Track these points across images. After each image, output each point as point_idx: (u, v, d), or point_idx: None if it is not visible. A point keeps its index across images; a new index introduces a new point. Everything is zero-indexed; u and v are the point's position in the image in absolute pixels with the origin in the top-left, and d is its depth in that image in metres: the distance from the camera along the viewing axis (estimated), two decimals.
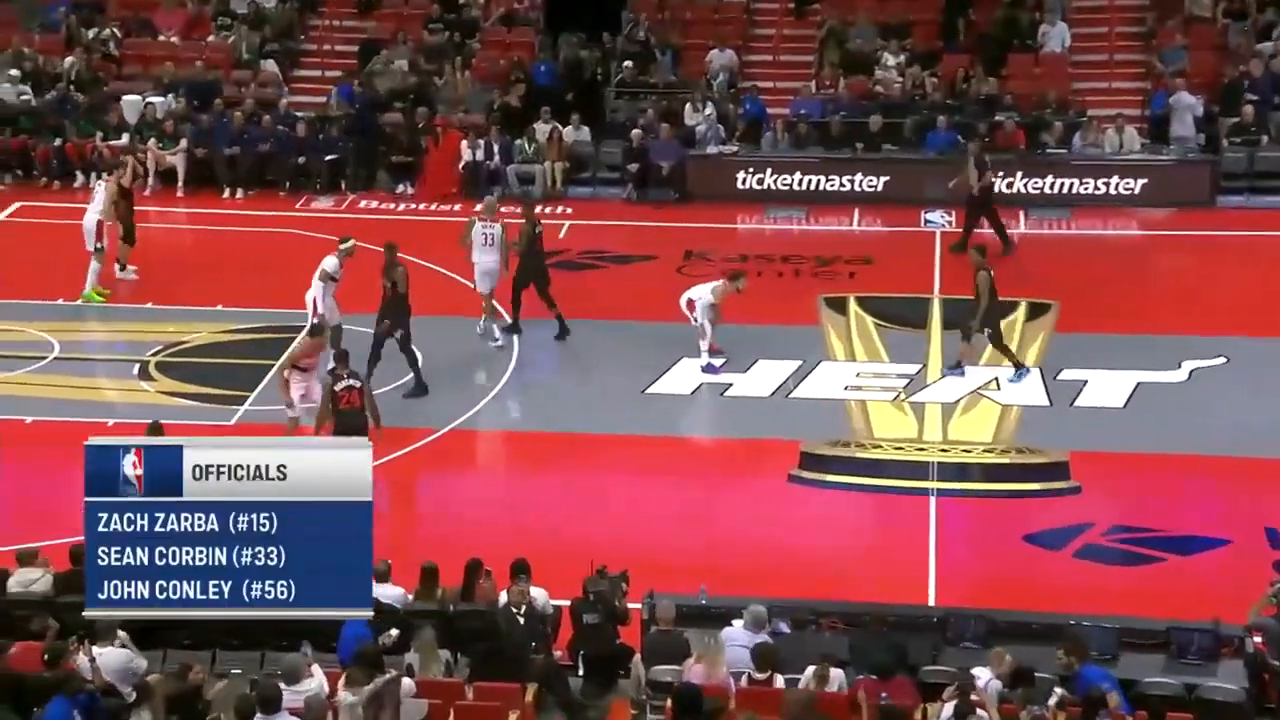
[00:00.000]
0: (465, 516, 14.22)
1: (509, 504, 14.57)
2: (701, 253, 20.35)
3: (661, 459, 15.36)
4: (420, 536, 13.68)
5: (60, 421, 14.70)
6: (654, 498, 14.73)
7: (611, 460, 15.37)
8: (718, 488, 14.97)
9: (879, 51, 24.24)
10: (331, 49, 25.07)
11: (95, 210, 18.21)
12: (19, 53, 23.92)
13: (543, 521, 14.01)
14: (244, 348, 17.14)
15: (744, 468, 15.21)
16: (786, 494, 14.75)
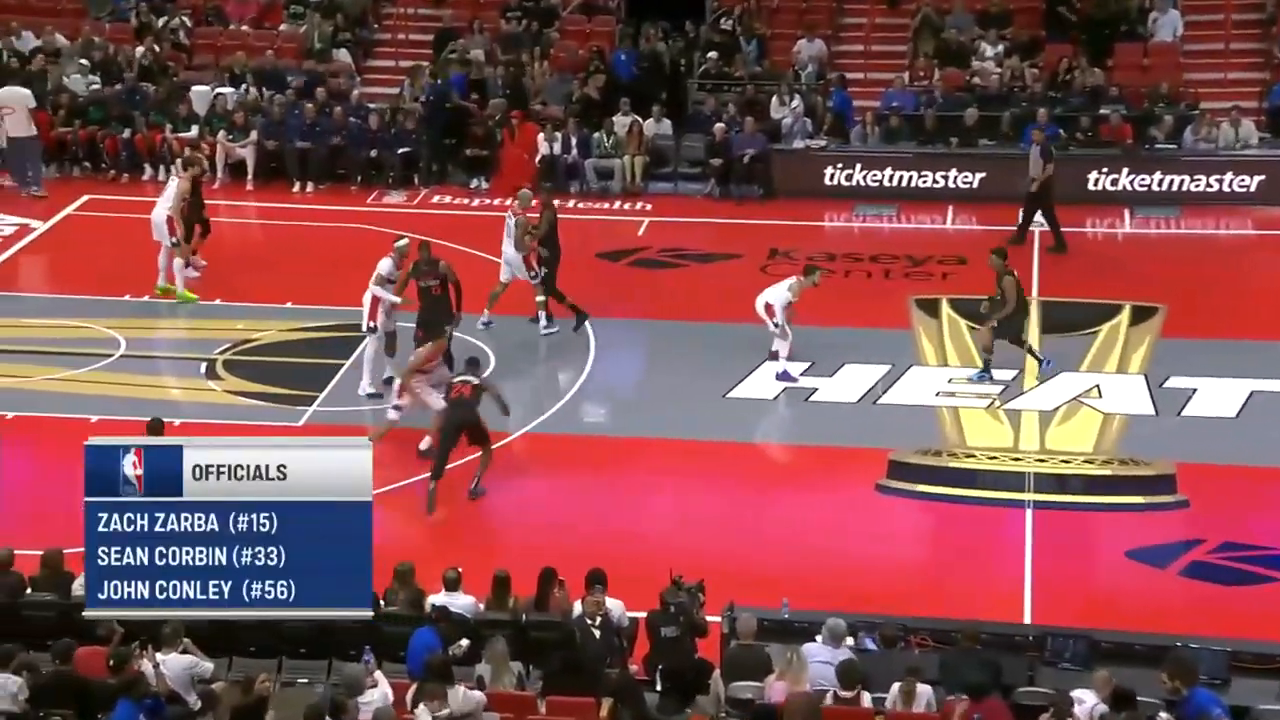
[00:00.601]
0: (538, 523, 14.28)
1: (583, 511, 14.63)
2: (786, 251, 20.30)
3: (742, 466, 15.34)
4: (492, 543, 13.76)
5: (125, 421, 14.94)
6: (735, 506, 14.70)
7: (690, 467, 15.37)
8: (801, 497, 14.93)
9: (976, 41, 24.03)
10: (405, 38, 25.32)
11: (165, 205, 18.42)
12: (88, 42, 24.37)
13: (618, 529, 14.05)
14: (313, 346, 17.34)
15: (829, 476, 15.15)
16: (874, 504, 14.67)
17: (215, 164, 22.18)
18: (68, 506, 14.11)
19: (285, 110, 22.74)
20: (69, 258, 20.20)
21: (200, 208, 19.03)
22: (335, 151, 22.49)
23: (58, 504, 14.34)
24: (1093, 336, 17.69)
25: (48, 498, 14.65)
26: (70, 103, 22.75)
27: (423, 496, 14.61)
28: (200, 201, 19.08)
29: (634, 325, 18.15)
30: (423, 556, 12.15)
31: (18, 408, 15.86)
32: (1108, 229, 21.26)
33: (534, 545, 13.37)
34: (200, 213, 18.96)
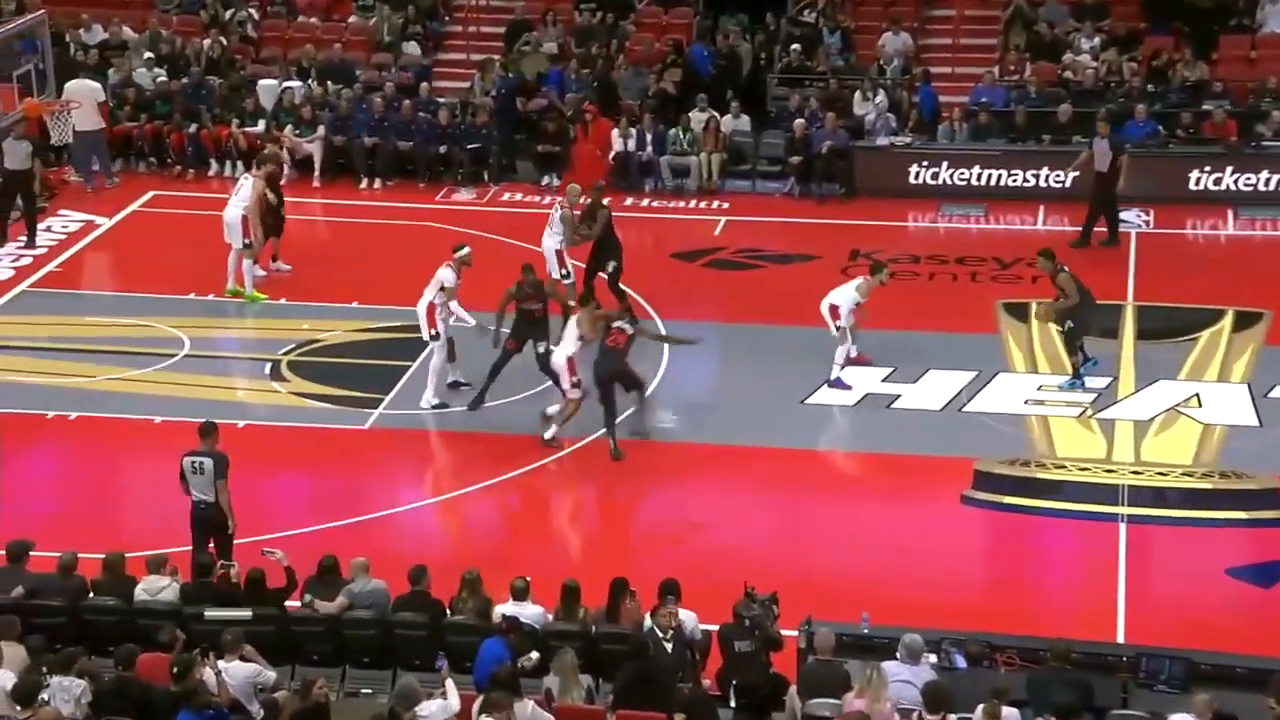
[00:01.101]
0: (608, 531, 14.30)
1: (655, 519, 14.63)
2: (869, 253, 20.18)
3: (821, 475, 15.29)
4: (561, 551, 13.79)
5: (189, 422, 15.12)
6: (813, 516, 14.65)
7: (767, 475, 15.33)
8: (882, 508, 14.85)
9: (1071, 33, 23.79)
10: (477, 30, 25.47)
11: (239, 204, 18.49)
12: (155, 34, 24.72)
13: (691, 539, 14.05)
14: (380, 347, 17.48)
15: (912, 486, 15.05)
16: (958, 516, 14.56)
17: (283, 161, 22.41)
18: (131, 509, 14.43)
19: (353, 105, 22.94)
20: (133, 255, 20.50)
21: (279, 205, 19.05)
22: (404, 147, 22.58)
23: (121, 506, 14.62)
24: (1192, 343, 17.44)
25: (111, 500, 14.91)
26: (136, 97, 23.06)
27: (489, 501, 14.69)
28: (280, 198, 19.09)
29: (708, 328, 18.09)
30: (489, 564, 12.20)
31: (81, 408, 16.11)
32: (1210, 230, 20.95)
33: (603, 554, 13.39)
34: (279, 211, 19.03)
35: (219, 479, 12.66)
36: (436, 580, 11.69)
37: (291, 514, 14.26)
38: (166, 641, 10.63)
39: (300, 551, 12.29)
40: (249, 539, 12.88)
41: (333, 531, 14.00)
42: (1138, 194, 20.62)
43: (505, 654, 10.77)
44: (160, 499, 13.31)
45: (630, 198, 22.07)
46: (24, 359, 17.17)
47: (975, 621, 11.91)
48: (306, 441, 15.89)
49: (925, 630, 10.97)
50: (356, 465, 15.54)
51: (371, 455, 15.63)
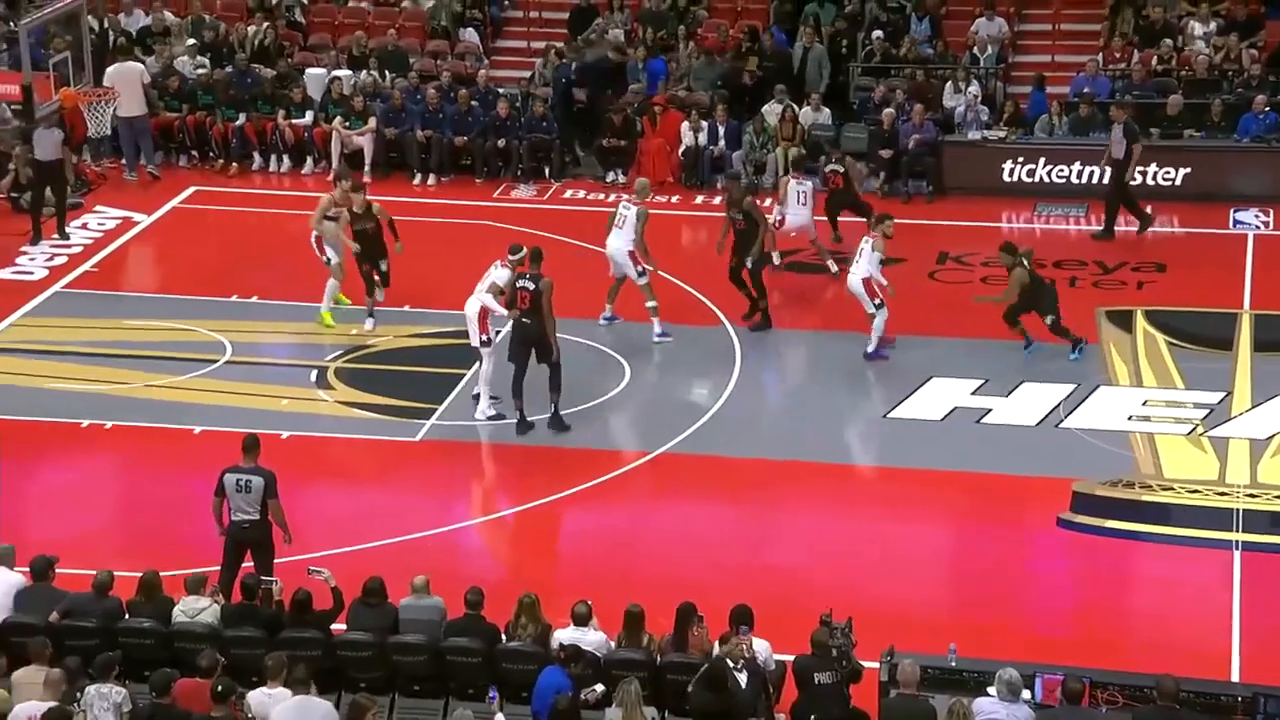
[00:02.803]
0: (676, 553, 14.30)
1: (726, 540, 14.60)
2: (958, 256, 20.07)
3: (906, 494, 15.19)
4: (625, 574, 13.80)
5: (229, 432, 15.29)
6: (896, 539, 14.57)
7: (847, 494, 15.27)
8: (972, 530, 14.74)
9: (1184, 19, 23.55)
10: (539, 16, 25.57)
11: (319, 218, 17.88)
12: (198, 20, 25.01)
13: (762, 562, 14.01)
14: (433, 354, 17.57)
15: (1004, 508, 14.93)
16: (1055, 540, 14.44)
17: (331, 153, 22.61)
18: (170, 524, 14.58)
19: (406, 95, 23.08)
20: (173, 254, 20.73)
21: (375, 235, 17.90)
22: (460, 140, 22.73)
23: (159, 522, 14.77)
24: None
25: (147, 514, 15.06)
26: (178, 86, 23.31)
27: (548, 520, 14.73)
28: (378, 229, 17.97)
29: (784, 335, 18.07)
30: (547, 587, 12.23)
31: (118, 416, 16.30)
32: None
33: (669, 577, 13.39)
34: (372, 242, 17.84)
35: (270, 498, 12.77)
36: (491, 603, 11.72)
37: (338, 531, 14.34)
38: (206, 666, 10.71)
39: (346, 572, 12.35)
40: (291, 558, 12.97)
41: (381, 550, 14.07)
42: (1257, 192, 20.37)
43: (566, 683, 10.78)
44: (199, 514, 13.41)
45: (701, 195, 22.07)
46: (57, 364, 17.40)
47: (1073, 655, 11.80)
48: (354, 454, 15.99)
49: (1018, 663, 10.87)
50: (407, 479, 15.62)
51: (423, 469, 15.71)
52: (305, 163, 22.92)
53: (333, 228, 17.80)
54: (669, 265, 18.77)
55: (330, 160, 22.66)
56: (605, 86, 23.31)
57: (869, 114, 22.65)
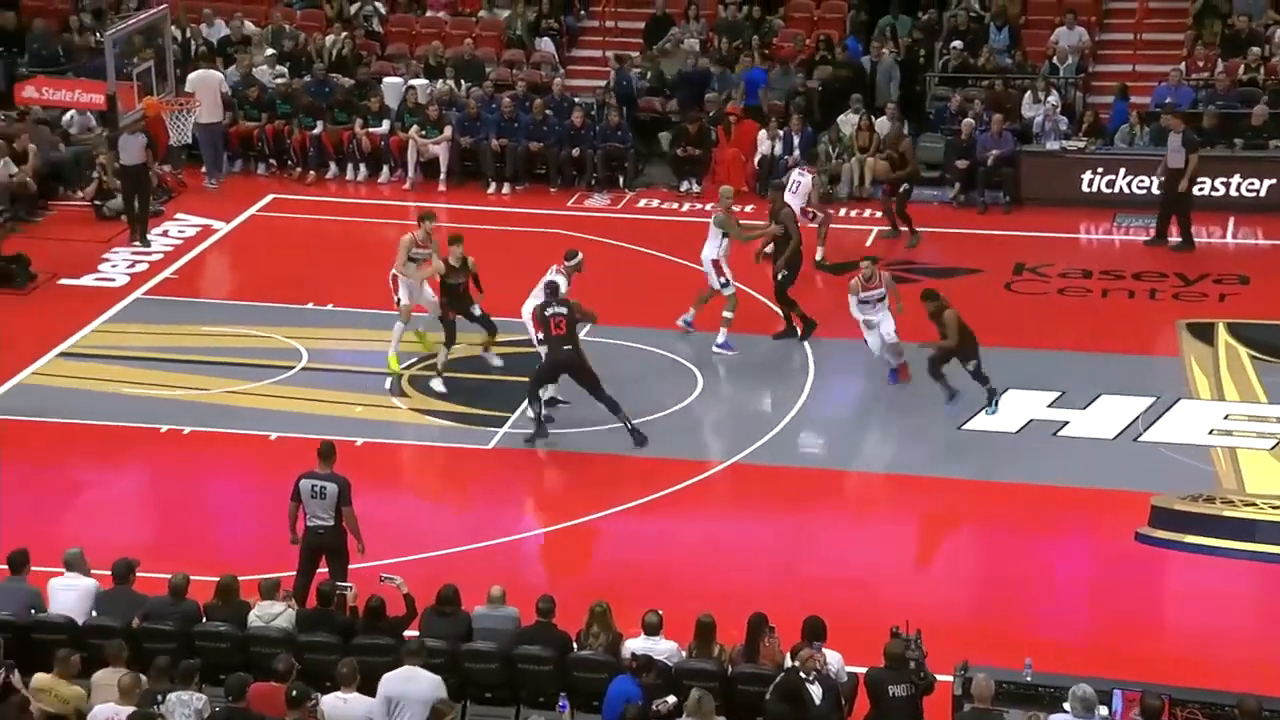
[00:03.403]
0: (747, 563, 14.27)
1: (797, 551, 14.57)
2: (1035, 267, 19.92)
3: (980, 507, 15.09)
4: (696, 584, 13.79)
5: (305, 438, 15.42)
6: (968, 552, 14.48)
7: (920, 506, 15.18)
8: (1048, 544, 14.62)
9: (1271, 27, 23.26)
10: (615, 26, 25.65)
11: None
12: (278, 30, 25.30)
13: (833, 573, 13.97)
14: (506, 362, 17.63)
15: (1081, 522, 14.80)
16: (1133, 555, 14.29)
17: (407, 162, 22.79)
18: (246, 529, 14.73)
19: (481, 104, 23.21)
20: (251, 261, 20.95)
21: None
22: (534, 149, 22.82)
23: (235, 526, 14.93)
24: None
25: (224, 519, 15.23)
26: (257, 95, 23.57)
27: (620, 528, 14.76)
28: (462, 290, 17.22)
29: (858, 346, 17.95)
30: (619, 596, 12.24)
31: (195, 422, 16.48)
32: None
33: (740, 588, 13.37)
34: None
35: (344, 505, 12.88)
36: (562, 611, 11.75)
37: (410, 538, 14.42)
38: (282, 671, 10.81)
39: (419, 578, 12.42)
40: (364, 564, 13.06)
41: (453, 557, 14.15)
42: None
43: (636, 693, 10.78)
44: (275, 519, 13.55)
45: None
46: (137, 370, 17.63)
47: (1152, 672, 11.67)
48: (427, 461, 16.09)
49: (1095, 679, 10.76)
50: (479, 487, 15.69)
51: (495, 476, 15.78)
52: (381, 171, 23.11)
53: (414, 270, 17.24)
54: (742, 275, 18.71)
55: (406, 169, 22.84)
56: (700, 96, 23.24)
57: (946, 124, 22.52)
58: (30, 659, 11.21)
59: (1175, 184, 20.23)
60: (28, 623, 11.82)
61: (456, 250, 16.99)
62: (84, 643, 11.43)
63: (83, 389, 17.22)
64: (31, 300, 19.32)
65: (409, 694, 10.77)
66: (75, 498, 15.42)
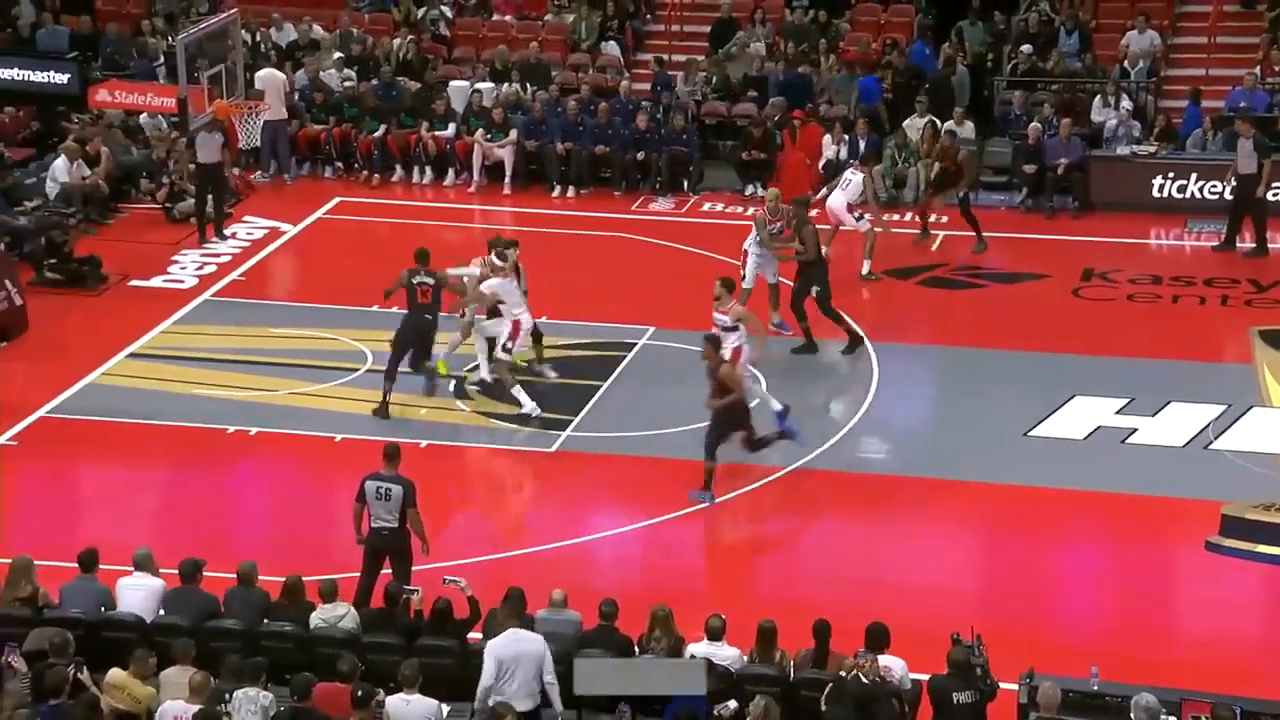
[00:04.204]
0: (809, 569, 14.25)
1: (861, 557, 14.52)
2: (1104, 273, 19.76)
3: (1046, 515, 14.98)
4: (758, 589, 13.78)
5: (371, 440, 15.53)
6: (1034, 560, 14.38)
7: (984, 513, 15.09)
8: (1116, 552, 14.50)
9: None
10: (680, 29, 25.67)
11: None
12: (346, 34, 25.51)
13: (898, 580, 13.91)
14: (568, 365, 17.68)
15: (1149, 530, 14.67)
16: (1202, 564, 14.15)
17: (472, 165, 22.91)
18: (311, 530, 14.85)
19: (547, 108, 23.30)
20: (317, 263, 21.12)
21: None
22: (599, 153, 22.88)
23: (300, 527, 15.05)
24: None
25: (290, 520, 15.36)
26: (325, 99, 23.77)
27: (682, 532, 14.77)
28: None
29: (923, 352, 17.95)
30: (680, 600, 12.24)
31: (262, 423, 16.63)
32: None
33: (802, 594, 13.35)
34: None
35: (409, 506, 12.97)
36: (624, 615, 11.77)
37: (473, 540, 14.50)
38: (346, 671, 10.89)
39: (482, 580, 12.48)
40: (428, 566, 13.14)
41: (516, 560, 14.20)
42: None
43: (699, 701, 10.77)
44: (340, 520, 13.66)
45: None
46: (205, 371, 17.82)
47: (1221, 683, 11.56)
48: (491, 463, 16.16)
49: (1163, 690, 10.67)
50: (542, 490, 15.75)
51: (558, 479, 15.84)
52: (446, 174, 23.24)
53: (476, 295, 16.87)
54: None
55: (471, 172, 22.96)
56: (802, 100, 23.13)
57: (1014, 128, 22.39)
58: (100, 657, 11.35)
59: (1246, 189, 20.05)
60: (98, 621, 11.97)
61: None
62: (152, 641, 11.56)
63: (151, 390, 17.42)
64: (102, 301, 19.57)
65: (524, 653, 10.92)
66: (143, 498, 15.60)
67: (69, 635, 11.17)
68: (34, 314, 18.53)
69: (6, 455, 15.95)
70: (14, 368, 17.74)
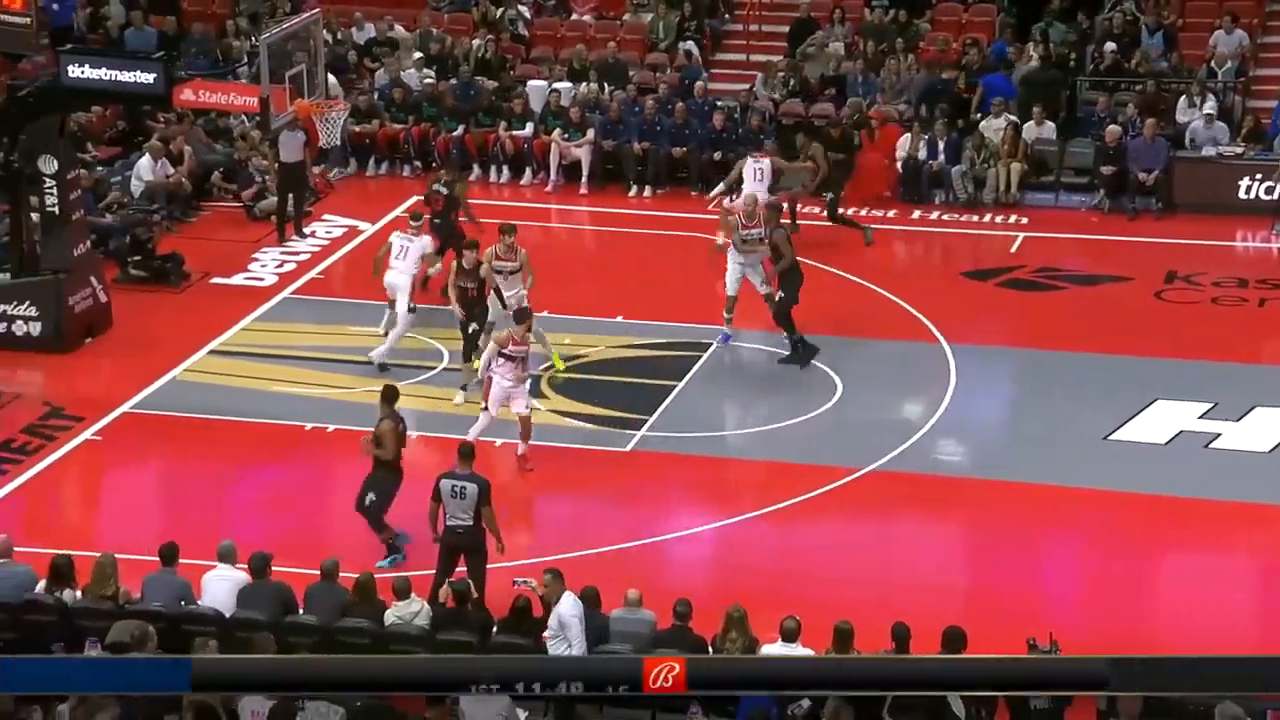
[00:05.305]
0: (884, 572, 14.18)
1: (936, 561, 14.45)
2: (1188, 275, 19.52)
3: (1126, 520, 14.83)
4: (832, 591, 13.74)
5: (445, 438, 15.62)
6: (1113, 565, 14.23)
7: (1063, 517, 14.96)
8: (1198, 559, 14.36)
9: None
10: (759, 29, 25.62)
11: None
12: (426, 34, 25.66)
13: (975, 583, 13.84)
14: (645, 365, 17.71)
15: (1233, 537, 14.51)
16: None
17: (550, 165, 22.99)
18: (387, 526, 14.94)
19: (624, 108, 23.32)
20: None
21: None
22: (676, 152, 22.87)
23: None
24: None
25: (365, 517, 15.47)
26: (404, 97, 23.92)
27: (756, 532, 14.76)
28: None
29: (1001, 354, 17.81)
30: (755, 601, 12.23)
31: (339, 420, 16.77)
32: None
33: (876, 595, 13.29)
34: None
35: (484, 505, 13.05)
36: (698, 615, 11.77)
37: (547, 539, 14.55)
38: None
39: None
40: (502, 564, 13.20)
41: (591, 559, 14.23)
42: None
43: (770, 702, 10.77)
44: (416, 519, 13.75)
45: (918, 210, 21.86)
46: (283, 367, 17.99)
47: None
48: (565, 462, 16.21)
49: (1248, 699, 10.52)
50: (617, 489, 15.78)
51: (633, 478, 15.86)
52: (524, 174, 23.32)
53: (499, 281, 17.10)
54: (884, 281, 18.63)
55: (548, 171, 23.02)
56: (937, 103, 22.96)
57: (1096, 128, 22.16)
58: (181, 649, 11.50)
59: None
60: (179, 614, 12.14)
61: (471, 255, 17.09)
62: (232, 635, 11.70)
63: (231, 386, 17.61)
64: (184, 298, 19.80)
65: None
66: (222, 493, 15.78)
67: (149, 628, 11.33)
68: (118, 310, 18.78)
69: (91, 449, 16.20)
70: (99, 363, 18.03)
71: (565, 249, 21.55)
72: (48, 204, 17.92)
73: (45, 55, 22.46)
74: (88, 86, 17.61)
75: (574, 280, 19.99)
